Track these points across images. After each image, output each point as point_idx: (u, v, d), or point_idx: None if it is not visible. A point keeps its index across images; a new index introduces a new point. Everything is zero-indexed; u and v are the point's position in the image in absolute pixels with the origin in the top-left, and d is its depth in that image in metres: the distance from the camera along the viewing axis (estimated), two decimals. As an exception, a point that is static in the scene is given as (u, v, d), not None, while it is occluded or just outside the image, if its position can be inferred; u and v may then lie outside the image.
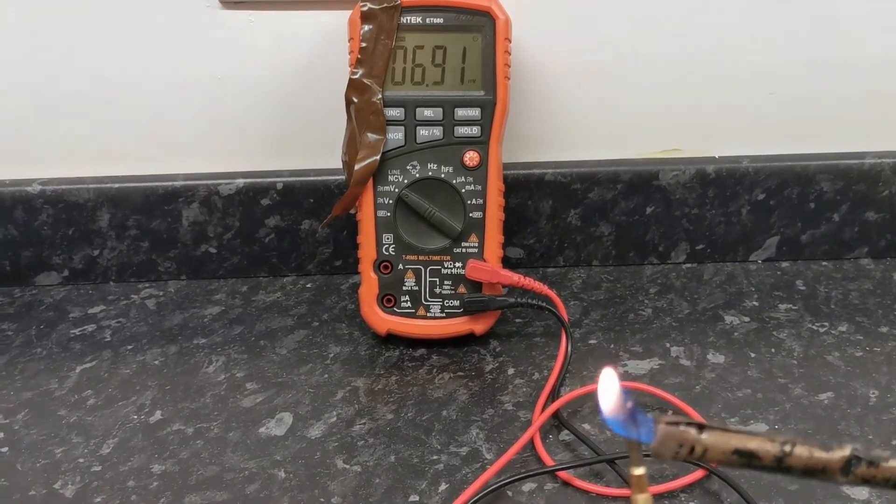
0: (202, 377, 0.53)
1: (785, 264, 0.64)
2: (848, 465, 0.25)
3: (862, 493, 0.42)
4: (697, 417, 0.48)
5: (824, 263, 0.64)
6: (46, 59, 0.59)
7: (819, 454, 0.25)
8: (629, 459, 0.27)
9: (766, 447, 0.25)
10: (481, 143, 0.54)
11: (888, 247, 0.64)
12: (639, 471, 0.27)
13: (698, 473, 0.43)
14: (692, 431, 0.24)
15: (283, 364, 0.54)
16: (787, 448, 0.25)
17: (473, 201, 0.54)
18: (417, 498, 0.43)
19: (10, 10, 0.58)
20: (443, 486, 0.44)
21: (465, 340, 0.56)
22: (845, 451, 0.24)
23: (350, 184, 0.54)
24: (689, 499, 0.43)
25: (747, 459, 0.25)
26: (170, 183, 0.62)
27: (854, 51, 0.60)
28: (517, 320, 0.58)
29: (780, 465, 0.25)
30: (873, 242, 0.64)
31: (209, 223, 0.63)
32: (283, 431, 0.48)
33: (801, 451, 0.25)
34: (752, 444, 0.25)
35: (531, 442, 0.46)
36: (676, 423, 0.24)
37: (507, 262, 0.64)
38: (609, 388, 0.26)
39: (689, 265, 0.65)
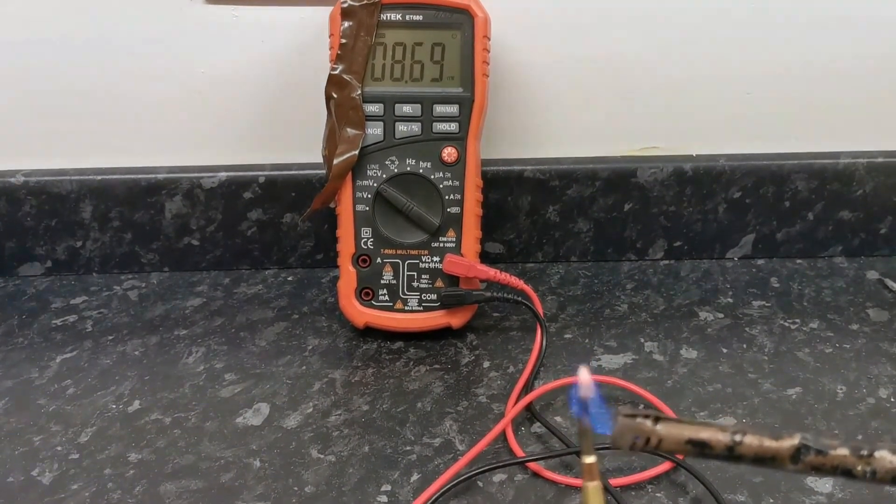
0: (181, 368, 0.54)
1: (760, 262, 0.65)
2: (797, 454, 0.25)
3: (825, 485, 0.43)
4: (667, 411, 0.49)
5: (799, 261, 0.65)
6: (30, 53, 0.60)
7: (769, 443, 0.25)
8: (581, 448, 0.28)
9: (718, 437, 0.25)
10: (459, 140, 0.54)
11: (862, 245, 0.65)
12: (589, 459, 0.27)
13: (665, 465, 0.44)
14: (648, 423, 0.25)
15: (262, 355, 0.55)
16: (738, 437, 0.25)
17: (451, 196, 0.55)
18: (390, 488, 0.44)
19: (-6, 3, 0.58)
20: (415, 477, 0.44)
21: (442, 334, 0.56)
22: (794, 440, 0.25)
23: (329, 178, 0.54)
24: (656, 490, 0.43)
25: (700, 449, 0.26)
26: (153, 175, 0.62)
27: (829, 53, 0.61)
28: (494, 314, 0.59)
29: (732, 454, 0.26)
30: (847, 241, 0.65)
31: (192, 216, 0.63)
32: (259, 421, 0.49)
33: (752, 441, 0.25)
34: (705, 434, 0.25)
35: (503, 434, 0.47)
36: (633, 416, 0.25)
37: (487, 257, 0.65)
38: (583, 378, 0.27)
39: (666, 262, 0.66)
